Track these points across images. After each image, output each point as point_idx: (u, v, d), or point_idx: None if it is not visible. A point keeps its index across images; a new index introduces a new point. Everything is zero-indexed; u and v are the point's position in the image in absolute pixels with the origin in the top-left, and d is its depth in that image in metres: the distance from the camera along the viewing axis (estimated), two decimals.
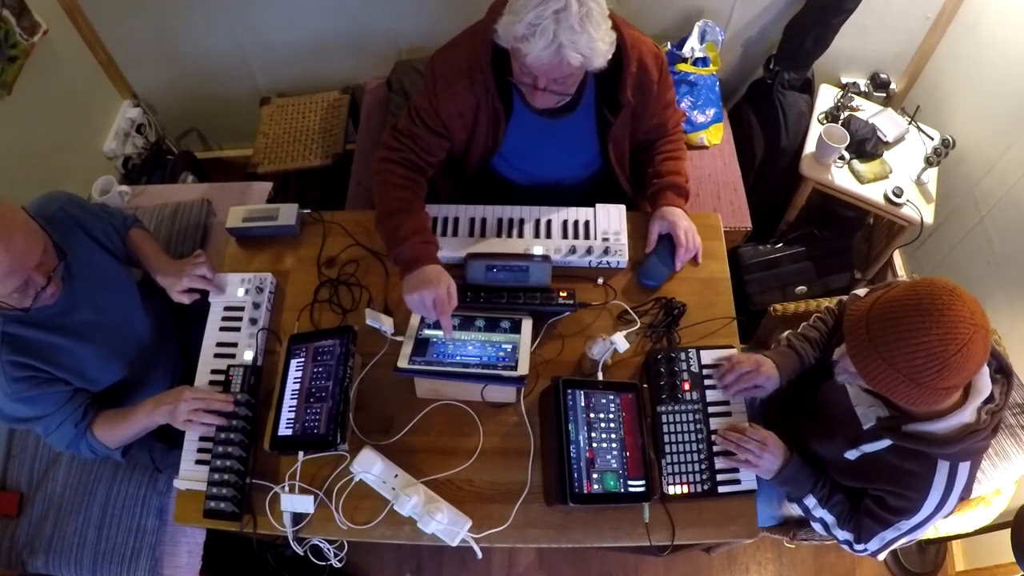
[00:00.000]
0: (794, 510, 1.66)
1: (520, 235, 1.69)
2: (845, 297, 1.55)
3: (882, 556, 1.40)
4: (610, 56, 1.38)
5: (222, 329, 1.60)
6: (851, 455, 1.33)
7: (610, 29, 1.37)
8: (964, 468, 1.21)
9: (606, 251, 1.65)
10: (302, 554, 1.41)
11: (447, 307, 1.44)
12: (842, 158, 2.24)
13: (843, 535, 1.40)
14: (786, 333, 1.57)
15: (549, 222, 1.71)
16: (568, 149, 1.68)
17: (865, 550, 1.38)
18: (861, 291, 1.49)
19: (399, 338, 1.51)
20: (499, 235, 1.69)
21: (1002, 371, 1.22)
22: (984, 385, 1.17)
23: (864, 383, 1.16)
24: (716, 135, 2.35)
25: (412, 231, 1.51)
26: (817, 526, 1.44)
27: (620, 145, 1.67)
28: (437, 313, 1.44)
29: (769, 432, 1.43)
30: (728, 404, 1.51)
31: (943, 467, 1.21)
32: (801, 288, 2.38)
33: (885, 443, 1.26)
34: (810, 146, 2.28)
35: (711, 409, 1.49)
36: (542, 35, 1.27)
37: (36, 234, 1.28)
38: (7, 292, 1.25)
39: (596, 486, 1.34)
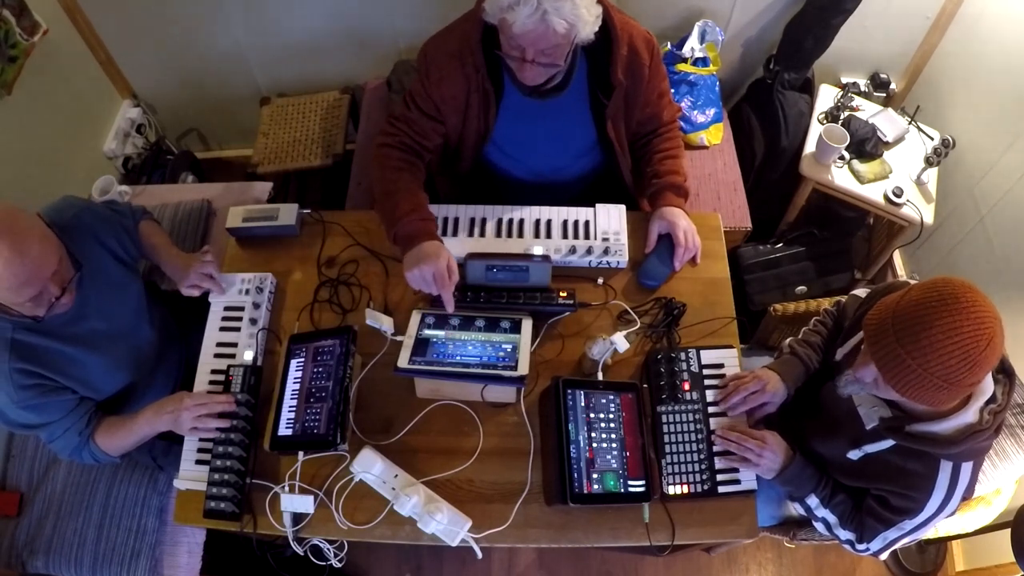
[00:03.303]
0: (795, 510, 1.66)
1: (520, 235, 1.69)
2: (843, 298, 1.54)
3: (884, 556, 1.40)
4: (596, 28, 1.40)
5: (222, 329, 1.60)
6: (854, 455, 1.33)
7: (595, 3, 1.38)
8: (967, 468, 1.21)
9: (606, 251, 1.65)
10: (302, 554, 1.41)
11: (447, 281, 1.45)
12: (842, 158, 2.24)
13: (845, 535, 1.40)
14: (788, 340, 1.56)
15: (549, 222, 1.71)
16: (562, 134, 1.68)
17: (867, 550, 1.38)
18: (860, 291, 1.48)
19: (399, 338, 1.51)
20: (499, 235, 1.69)
21: (1004, 371, 1.22)
22: (987, 385, 1.17)
23: (887, 391, 1.13)
24: (716, 135, 2.35)
25: (409, 209, 1.53)
26: (819, 526, 1.44)
27: (618, 128, 1.67)
28: (438, 287, 1.45)
29: (769, 431, 1.43)
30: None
31: (946, 467, 1.21)
32: (801, 288, 2.38)
33: (888, 443, 1.26)
34: (810, 146, 2.28)
35: (711, 409, 1.49)
36: (526, 3, 1.29)
37: (52, 243, 1.27)
38: (21, 301, 1.24)
39: (596, 486, 1.34)
